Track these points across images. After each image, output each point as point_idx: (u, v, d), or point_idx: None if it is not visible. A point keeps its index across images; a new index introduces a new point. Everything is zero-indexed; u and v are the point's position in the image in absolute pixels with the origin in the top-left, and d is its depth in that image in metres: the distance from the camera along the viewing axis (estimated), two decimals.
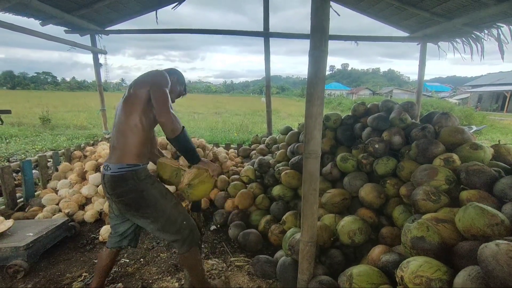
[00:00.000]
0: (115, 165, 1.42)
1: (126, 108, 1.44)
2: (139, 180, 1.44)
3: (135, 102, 1.42)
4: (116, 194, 1.43)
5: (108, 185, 1.44)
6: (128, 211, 1.48)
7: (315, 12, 1.38)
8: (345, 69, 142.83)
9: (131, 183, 1.42)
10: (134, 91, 1.44)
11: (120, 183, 1.42)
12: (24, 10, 3.29)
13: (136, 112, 1.42)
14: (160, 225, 1.50)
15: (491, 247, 1.03)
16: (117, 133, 1.46)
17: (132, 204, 1.44)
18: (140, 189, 1.44)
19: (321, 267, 1.84)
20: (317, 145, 1.51)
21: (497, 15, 2.98)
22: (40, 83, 68.97)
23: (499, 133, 9.96)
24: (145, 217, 1.48)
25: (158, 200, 1.49)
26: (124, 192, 1.42)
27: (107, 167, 1.45)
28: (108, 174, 1.43)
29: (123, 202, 1.44)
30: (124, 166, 1.41)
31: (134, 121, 1.42)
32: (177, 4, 4.31)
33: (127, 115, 1.42)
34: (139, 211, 1.46)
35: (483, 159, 1.96)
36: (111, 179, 1.42)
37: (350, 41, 4.45)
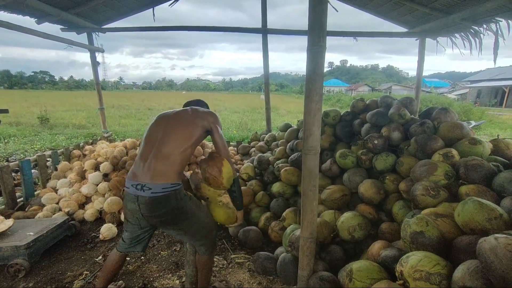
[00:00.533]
0: (158, 185, 1.37)
1: (182, 133, 1.48)
2: (180, 198, 1.45)
3: (194, 132, 1.50)
4: (157, 215, 1.41)
5: (146, 207, 1.39)
6: (165, 227, 1.52)
7: (313, 7, 1.37)
8: (344, 66, 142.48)
9: (173, 203, 1.41)
10: (192, 119, 1.53)
11: (163, 204, 1.39)
12: (19, 8, 3.25)
13: (192, 140, 1.49)
14: (193, 233, 1.56)
15: (489, 241, 1.04)
16: (160, 153, 1.43)
17: (172, 221, 1.46)
18: (181, 206, 1.45)
19: (321, 263, 1.85)
20: (316, 141, 1.51)
21: (496, 9, 2.97)
22: (37, 82, 68.57)
23: (498, 128, 9.98)
24: (180, 229, 1.52)
25: (195, 213, 1.54)
26: (166, 212, 1.41)
27: (143, 187, 1.38)
28: (148, 196, 1.37)
29: (162, 221, 1.45)
30: (169, 186, 1.39)
31: (186, 146, 1.46)
32: (174, 1, 4.27)
33: (183, 140, 1.46)
34: (176, 225, 1.49)
35: (482, 154, 1.96)
36: (152, 201, 1.37)
37: (349, 37, 4.43)
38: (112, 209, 2.80)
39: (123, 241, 1.60)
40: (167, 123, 1.52)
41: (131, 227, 1.54)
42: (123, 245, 1.60)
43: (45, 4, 3.30)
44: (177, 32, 6.17)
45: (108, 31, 4.52)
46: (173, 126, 1.50)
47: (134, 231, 1.56)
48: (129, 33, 5.13)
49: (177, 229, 1.52)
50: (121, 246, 1.61)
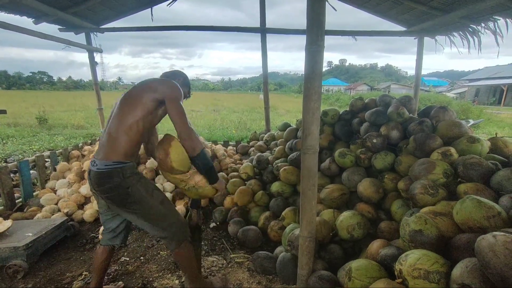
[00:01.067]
0: (102, 162, 1.41)
1: (125, 108, 1.44)
2: (125, 177, 1.43)
3: (137, 104, 1.42)
4: (102, 191, 1.44)
5: (94, 181, 1.44)
6: (115, 207, 1.50)
7: (311, 6, 1.37)
8: (343, 65, 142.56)
9: (116, 180, 1.41)
10: (139, 93, 1.45)
11: (106, 180, 1.41)
12: (16, 8, 3.24)
13: (136, 114, 1.41)
14: (148, 220, 1.52)
15: (488, 239, 1.04)
16: (110, 131, 1.45)
17: (117, 200, 1.45)
18: (125, 186, 1.43)
19: (320, 262, 1.86)
20: (315, 140, 1.51)
21: (494, 7, 2.97)
22: (35, 82, 68.33)
23: (496, 127, 10.01)
24: (132, 212, 1.49)
25: (144, 197, 1.48)
26: (109, 188, 1.42)
27: (94, 163, 1.45)
28: (94, 170, 1.43)
29: (108, 198, 1.45)
30: (110, 163, 1.40)
31: (130, 122, 1.41)
32: (173, 1, 4.26)
33: (125, 115, 1.42)
34: (126, 207, 1.47)
35: (480, 152, 1.97)
36: (97, 175, 1.42)
37: (348, 36, 4.42)
38: None
39: (103, 234, 1.68)
40: (121, 101, 1.48)
41: (101, 213, 1.63)
42: (103, 238, 1.68)
43: (42, 4, 3.28)
44: (176, 31, 6.19)
45: (106, 31, 4.50)
46: (121, 104, 1.46)
47: (102, 216, 1.63)
48: (127, 33, 5.13)
49: (129, 212, 1.48)
50: (102, 239, 1.68)
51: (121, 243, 1.68)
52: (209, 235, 2.66)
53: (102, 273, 1.70)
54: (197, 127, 9.26)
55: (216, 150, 3.89)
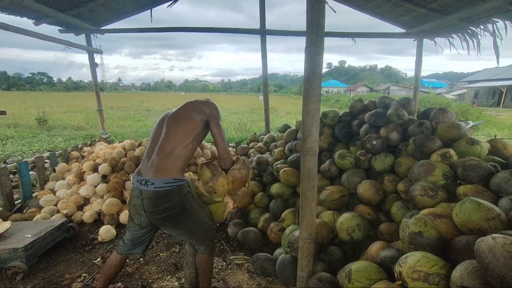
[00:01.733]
0: (159, 179, 1.39)
1: (181, 128, 1.50)
2: (184, 194, 1.46)
3: (192, 126, 1.52)
4: (159, 210, 1.41)
5: (149, 201, 1.40)
6: (166, 225, 1.50)
7: (310, 8, 1.38)
8: (342, 66, 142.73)
9: (176, 198, 1.43)
10: (190, 114, 1.54)
11: (166, 199, 1.41)
12: (17, 9, 3.24)
13: (192, 135, 1.50)
14: (193, 233, 1.57)
15: (487, 241, 1.04)
16: (163, 150, 1.46)
17: (173, 218, 1.45)
18: (184, 203, 1.46)
19: (320, 264, 1.85)
20: (315, 141, 1.51)
21: (492, 10, 2.98)
22: (35, 83, 68.33)
23: (495, 128, 10.02)
24: (181, 228, 1.52)
25: (197, 212, 1.54)
26: (169, 207, 1.41)
27: (145, 182, 1.41)
28: (151, 190, 1.39)
29: (165, 218, 1.44)
30: (171, 181, 1.41)
31: (187, 142, 1.48)
32: (173, 2, 4.27)
33: (183, 135, 1.48)
34: (178, 223, 1.48)
35: (480, 154, 1.97)
36: (155, 195, 1.39)
37: (347, 37, 4.44)
38: (111, 210, 2.79)
39: (123, 243, 1.60)
40: (168, 121, 1.55)
41: (133, 226, 1.55)
42: (123, 247, 1.60)
43: (42, 5, 3.29)
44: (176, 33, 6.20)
45: (107, 32, 4.51)
46: (174, 123, 1.53)
47: (136, 232, 1.56)
48: (127, 34, 5.15)
49: (178, 227, 1.52)
50: (122, 248, 1.60)
51: (143, 252, 1.64)
52: None
53: (111, 281, 1.66)
54: None
55: (215, 152, 3.89)
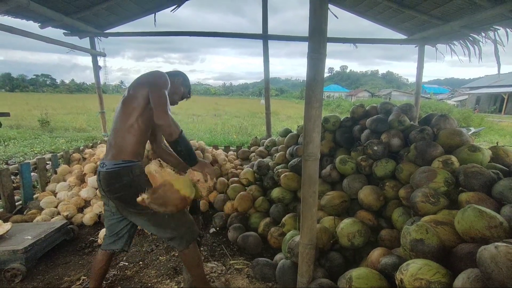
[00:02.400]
0: (111, 162, 1.45)
1: (124, 109, 1.48)
2: (134, 175, 1.47)
3: (133, 103, 1.46)
4: (112, 191, 1.45)
5: (103, 182, 1.46)
6: (124, 208, 1.50)
7: (313, 14, 1.39)
8: (344, 71, 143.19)
9: (126, 179, 1.45)
10: (133, 91, 1.48)
11: (116, 179, 1.44)
12: (22, 12, 3.29)
13: (134, 112, 1.45)
14: (157, 221, 1.51)
15: (490, 250, 1.03)
16: (115, 132, 1.49)
17: (128, 200, 1.45)
18: (135, 184, 1.46)
19: (320, 270, 1.84)
20: (316, 147, 1.51)
21: (494, 17, 3.00)
22: (39, 85, 68.77)
23: (497, 135, 10.00)
24: (140, 214, 1.49)
25: None
26: (119, 188, 1.44)
27: (103, 164, 1.48)
28: (104, 171, 1.45)
29: (119, 198, 1.47)
30: (120, 162, 1.45)
31: (131, 121, 1.45)
32: (176, 7, 4.32)
33: (125, 115, 1.47)
34: (135, 207, 1.44)
35: (482, 161, 1.97)
36: (106, 175, 1.45)
37: (349, 43, 4.47)
38: None
39: (105, 238, 1.66)
40: (121, 102, 1.52)
41: (107, 216, 1.61)
42: (104, 242, 1.66)
43: (48, 9, 3.34)
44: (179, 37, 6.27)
45: (110, 35, 4.56)
46: (121, 104, 1.51)
47: (110, 219, 1.61)
48: (130, 37, 5.19)
49: (138, 213, 1.48)
50: (103, 244, 1.66)
51: (122, 248, 1.66)
52: (209, 240, 2.65)
53: (100, 278, 1.69)
54: (198, 132, 9.29)
55: (217, 155, 3.89)
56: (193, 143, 3.77)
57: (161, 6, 4.28)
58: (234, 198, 2.97)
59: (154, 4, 4.19)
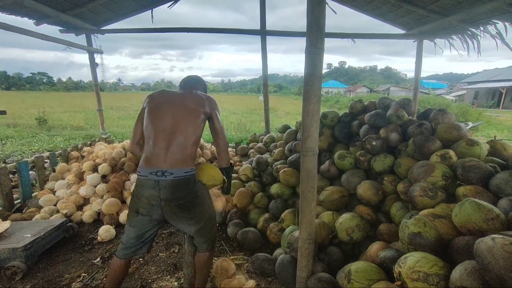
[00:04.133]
0: (179, 170, 1.47)
1: (192, 123, 1.54)
2: (196, 181, 1.56)
3: (199, 120, 1.56)
4: (177, 198, 1.48)
5: (168, 190, 1.45)
6: (179, 213, 1.51)
7: (311, 9, 1.38)
8: (343, 67, 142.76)
9: (191, 185, 1.52)
10: (196, 107, 1.57)
11: (183, 186, 1.48)
12: (18, 9, 3.25)
13: (200, 128, 1.57)
14: (202, 224, 1.58)
15: (486, 242, 1.04)
16: (176, 143, 1.49)
17: (187, 204, 1.51)
18: (197, 190, 1.55)
19: (319, 264, 1.85)
20: (315, 142, 1.52)
21: (492, 11, 2.99)
22: (35, 83, 68.26)
23: (495, 129, 10.04)
24: (192, 217, 1.55)
25: (206, 199, 1.62)
26: (185, 194, 1.49)
27: (164, 172, 1.44)
28: (170, 180, 1.45)
29: (180, 204, 1.49)
30: (189, 170, 1.50)
31: (196, 137, 1.55)
32: (173, 3, 4.28)
33: (193, 129, 1.54)
34: (191, 211, 1.53)
35: (479, 155, 1.97)
36: (174, 183, 1.46)
37: (347, 38, 4.45)
38: (110, 210, 2.79)
39: (124, 246, 1.55)
40: (175, 112, 1.54)
41: (141, 220, 1.52)
42: (126, 250, 1.55)
43: (43, 6, 3.30)
44: (177, 33, 6.20)
45: (107, 32, 4.52)
46: (183, 116, 1.54)
47: (143, 226, 1.53)
48: (128, 34, 5.18)
49: (189, 216, 1.54)
50: (124, 252, 1.55)
51: (148, 250, 1.63)
52: None
53: (118, 284, 1.60)
54: None
55: (216, 152, 3.89)
56: None
57: (158, 2, 4.24)
58: (233, 194, 2.97)
59: (151, 0, 4.15)
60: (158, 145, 1.49)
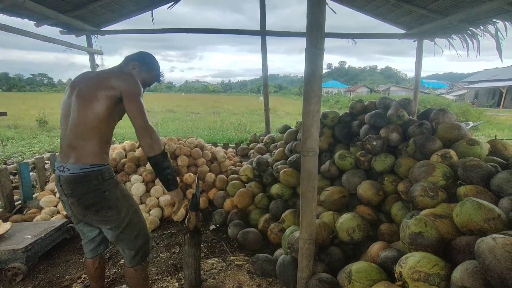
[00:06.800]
0: (76, 165, 1.30)
1: (90, 110, 1.30)
2: (103, 180, 1.35)
3: (95, 103, 1.30)
4: (76, 196, 1.32)
5: (66, 186, 1.32)
6: (87, 214, 1.37)
7: (311, 9, 1.38)
8: (343, 67, 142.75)
9: (94, 183, 1.32)
10: (98, 93, 1.31)
11: (82, 184, 1.31)
12: (18, 11, 3.25)
13: (102, 116, 1.31)
14: (120, 230, 1.41)
15: (488, 241, 1.04)
16: (75, 132, 1.32)
17: (92, 205, 1.34)
18: (103, 189, 1.34)
19: (320, 265, 1.85)
20: (315, 142, 1.51)
21: (492, 11, 2.99)
22: (36, 84, 68.38)
23: (495, 129, 10.02)
24: (105, 221, 1.38)
25: (120, 202, 1.40)
26: (85, 193, 1.32)
27: (63, 168, 1.32)
28: (66, 175, 1.31)
29: (83, 204, 1.33)
30: (87, 167, 1.31)
31: (97, 124, 1.31)
32: (173, 4, 4.29)
33: (92, 118, 1.30)
34: (99, 213, 1.36)
35: (480, 154, 1.97)
36: (71, 180, 1.30)
37: (347, 38, 4.45)
38: None
39: (84, 246, 1.58)
40: (76, 98, 1.34)
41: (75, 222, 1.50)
42: (86, 250, 1.58)
43: (43, 7, 3.30)
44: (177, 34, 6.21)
45: (107, 33, 4.52)
46: (81, 102, 1.32)
47: (80, 227, 1.50)
48: (128, 35, 5.15)
49: (101, 220, 1.37)
50: (86, 252, 1.59)
51: (105, 248, 1.62)
52: (209, 237, 2.66)
53: (100, 280, 1.64)
54: (197, 129, 9.27)
55: (216, 152, 3.89)
56: (192, 141, 3.77)
57: (158, 3, 4.24)
58: (233, 195, 2.97)
59: (151, 1, 4.16)
60: (62, 137, 1.40)
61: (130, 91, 1.32)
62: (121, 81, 1.33)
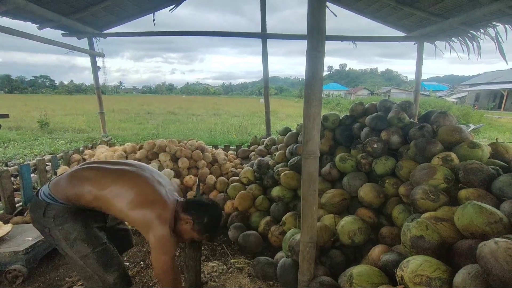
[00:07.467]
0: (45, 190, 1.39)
1: (109, 190, 1.35)
2: (48, 216, 1.33)
3: (119, 203, 1.33)
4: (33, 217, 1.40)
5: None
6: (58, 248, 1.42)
7: (311, 12, 1.39)
8: (343, 70, 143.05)
9: (39, 213, 1.34)
10: (127, 199, 1.33)
11: (33, 207, 1.39)
12: (20, 14, 3.29)
13: (104, 205, 1.36)
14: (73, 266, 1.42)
15: (490, 245, 1.04)
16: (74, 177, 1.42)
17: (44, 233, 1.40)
18: (43, 225, 1.36)
19: (321, 268, 1.84)
20: (316, 145, 1.52)
21: (492, 13, 3.00)
22: (38, 86, 68.77)
23: (496, 132, 10.00)
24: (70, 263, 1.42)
25: (62, 245, 1.36)
26: (35, 218, 1.39)
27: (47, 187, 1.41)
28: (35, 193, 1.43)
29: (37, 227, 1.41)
30: (46, 195, 1.36)
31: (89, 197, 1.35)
32: (175, 7, 4.32)
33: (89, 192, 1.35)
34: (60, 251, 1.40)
35: (481, 157, 1.97)
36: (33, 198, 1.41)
37: (348, 41, 4.46)
38: None
39: None
40: (123, 174, 1.43)
41: None
42: None
43: (46, 10, 3.33)
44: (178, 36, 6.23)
45: (109, 36, 4.55)
46: (112, 187, 1.36)
47: None
48: (129, 37, 5.17)
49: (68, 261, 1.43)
50: None
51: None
52: None
53: None
54: (197, 131, 9.28)
55: (216, 155, 3.89)
56: (192, 143, 3.77)
57: (159, 5, 4.27)
58: (234, 197, 2.97)
59: (152, 3, 4.19)
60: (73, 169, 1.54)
61: (156, 246, 1.31)
62: (149, 222, 1.30)
